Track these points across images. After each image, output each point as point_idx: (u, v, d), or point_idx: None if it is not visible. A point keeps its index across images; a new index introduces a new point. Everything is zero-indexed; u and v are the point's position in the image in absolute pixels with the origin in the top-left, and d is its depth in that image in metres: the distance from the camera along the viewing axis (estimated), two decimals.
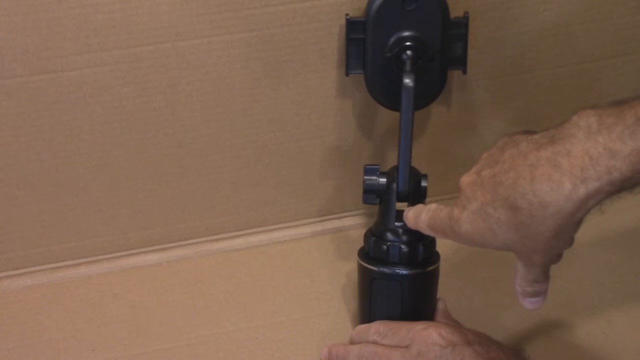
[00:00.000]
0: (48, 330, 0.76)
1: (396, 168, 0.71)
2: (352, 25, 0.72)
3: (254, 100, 0.78)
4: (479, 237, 0.57)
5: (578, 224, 0.52)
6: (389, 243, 0.69)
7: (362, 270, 0.72)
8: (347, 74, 0.69)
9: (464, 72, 0.77)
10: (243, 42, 0.74)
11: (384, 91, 0.76)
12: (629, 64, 0.87)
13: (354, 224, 0.88)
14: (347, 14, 0.71)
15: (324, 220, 0.88)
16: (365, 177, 0.71)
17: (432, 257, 0.71)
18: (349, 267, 0.81)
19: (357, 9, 0.73)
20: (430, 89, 0.77)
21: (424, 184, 0.71)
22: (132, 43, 0.71)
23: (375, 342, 0.68)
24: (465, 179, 0.59)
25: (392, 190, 0.70)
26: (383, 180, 0.71)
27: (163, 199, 0.81)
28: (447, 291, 0.73)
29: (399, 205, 0.71)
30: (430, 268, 0.70)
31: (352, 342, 0.71)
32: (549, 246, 0.54)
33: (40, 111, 0.73)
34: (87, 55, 0.70)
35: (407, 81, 0.69)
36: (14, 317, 0.77)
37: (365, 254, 0.72)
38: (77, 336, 0.75)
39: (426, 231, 0.64)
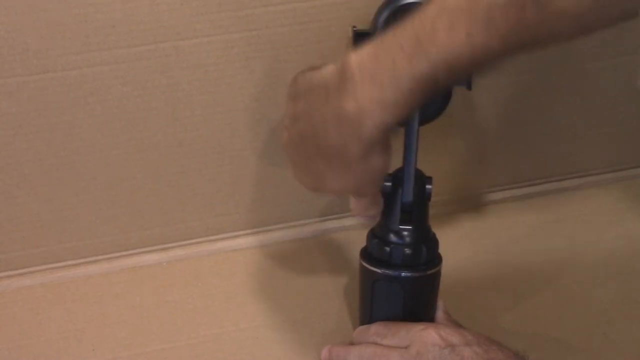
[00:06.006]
0: (48, 330, 0.76)
1: (401, 172, 0.70)
2: (359, 37, 0.70)
3: (254, 99, 0.78)
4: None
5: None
6: (392, 245, 0.69)
7: (364, 272, 0.71)
8: None
9: (469, 89, 0.73)
10: (243, 41, 0.74)
11: None
12: (629, 64, 0.87)
13: (355, 224, 0.88)
14: (354, 26, 0.70)
15: (325, 221, 0.88)
16: None
17: (435, 259, 0.71)
18: (350, 268, 0.81)
19: (357, 8, 0.73)
20: (435, 105, 0.75)
21: (428, 186, 0.70)
22: (132, 42, 0.71)
23: (375, 343, 0.67)
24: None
25: (396, 193, 0.70)
26: (387, 183, 0.70)
27: (163, 199, 0.81)
28: (447, 292, 0.73)
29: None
30: (433, 271, 0.70)
31: (352, 344, 0.71)
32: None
33: (40, 111, 0.73)
34: (87, 55, 0.70)
35: None
36: (14, 317, 0.77)
37: (367, 254, 0.71)
38: (77, 336, 0.75)
39: None
